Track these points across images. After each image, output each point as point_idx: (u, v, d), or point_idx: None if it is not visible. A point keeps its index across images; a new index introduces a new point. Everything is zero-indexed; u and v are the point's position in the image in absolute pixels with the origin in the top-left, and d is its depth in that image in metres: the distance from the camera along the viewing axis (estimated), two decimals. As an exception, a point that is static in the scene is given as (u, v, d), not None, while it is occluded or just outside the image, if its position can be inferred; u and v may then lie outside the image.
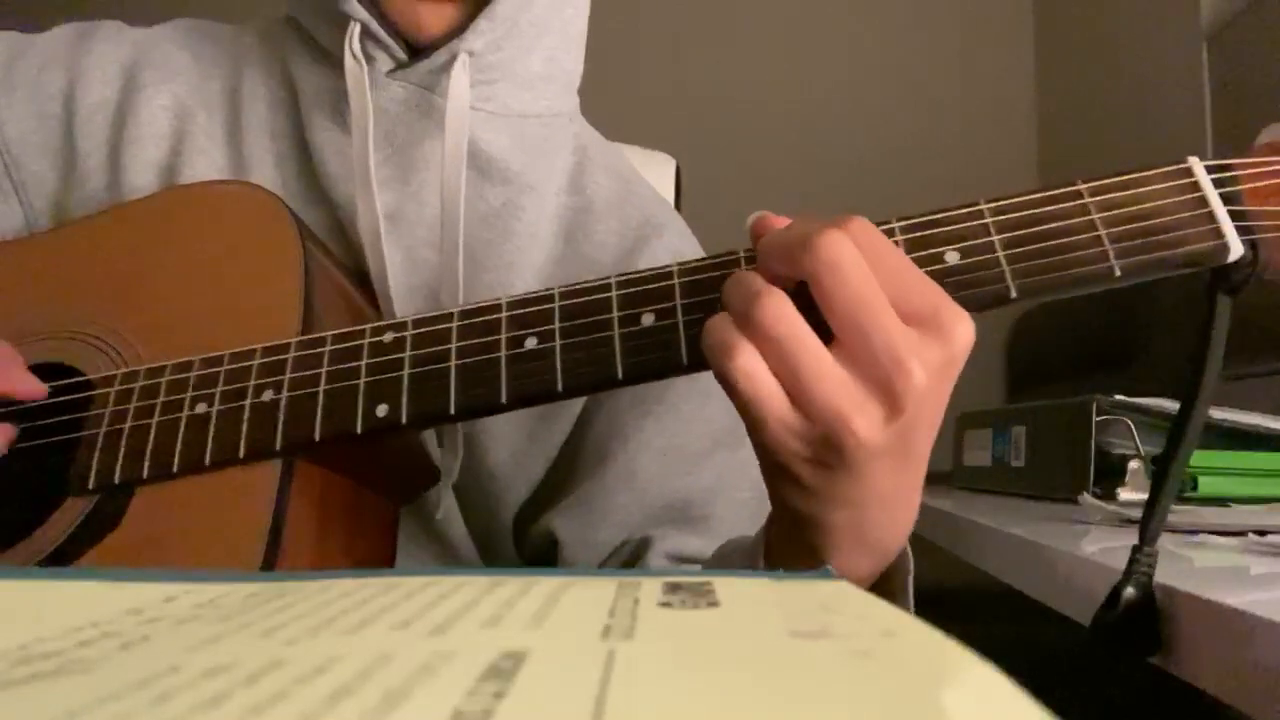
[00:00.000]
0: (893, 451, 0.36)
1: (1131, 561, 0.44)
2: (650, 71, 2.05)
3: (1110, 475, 0.85)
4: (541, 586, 0.22)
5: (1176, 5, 1.53)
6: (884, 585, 0.44)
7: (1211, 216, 0.40)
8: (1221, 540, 0.61)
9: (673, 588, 0.21)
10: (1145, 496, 0.49)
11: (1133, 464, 0.83)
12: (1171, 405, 0.86)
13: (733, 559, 0.51)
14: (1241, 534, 0.63)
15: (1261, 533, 0.62)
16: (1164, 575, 0.46)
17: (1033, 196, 0.41)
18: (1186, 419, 0.42)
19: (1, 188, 0.60)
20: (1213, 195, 0.40)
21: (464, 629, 0.18)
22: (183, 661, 0.16)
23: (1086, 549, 0.59)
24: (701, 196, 1.10)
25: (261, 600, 0.21)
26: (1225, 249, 0.39)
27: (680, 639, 0.17)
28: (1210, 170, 0.41)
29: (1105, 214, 0.40)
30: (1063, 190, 0.41)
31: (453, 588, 0.22)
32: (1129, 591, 0.44)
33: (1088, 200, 0.40)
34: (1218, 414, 0.83)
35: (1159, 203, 0.40)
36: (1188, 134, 1.46)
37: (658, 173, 0.99)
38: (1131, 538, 0.45)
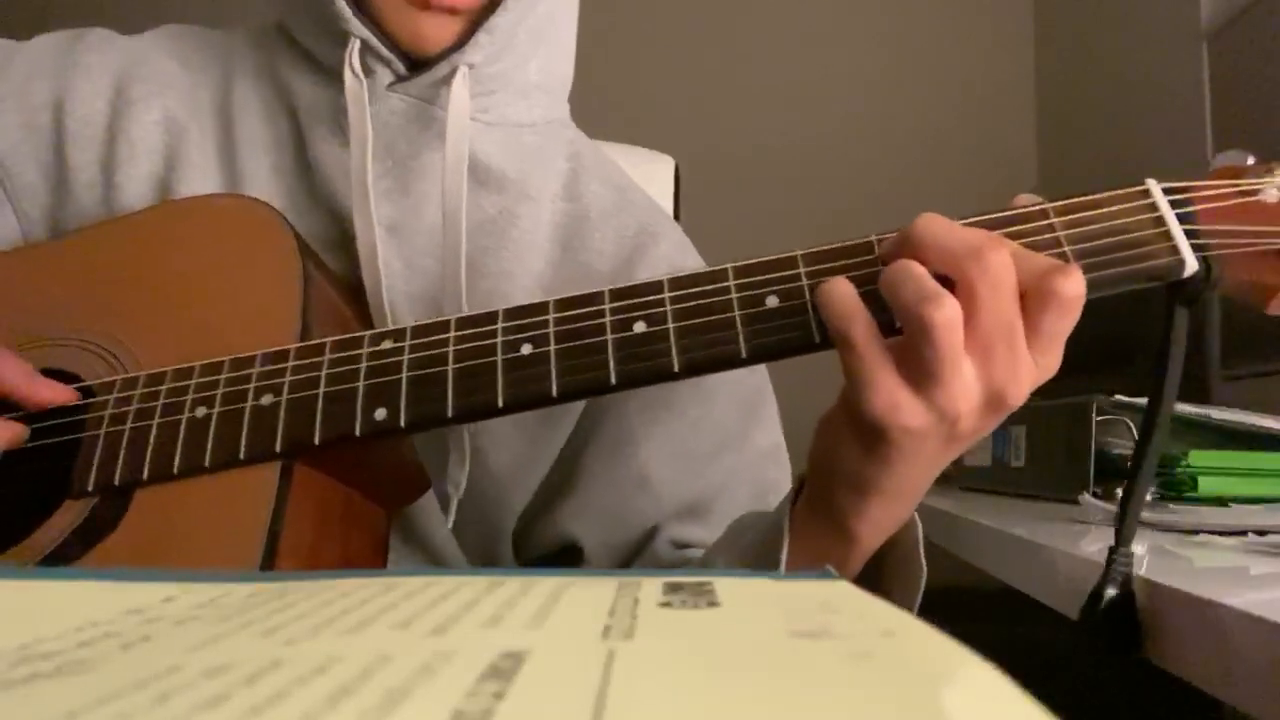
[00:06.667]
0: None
1: (1109, 563, 0.46)
2: (650, 71, 2.04)
3: (1110, 475, 0.85)
4: (541, 586, 0.22)
5: (1176, 5, 1.53)
6: (894, 547, 0.47)
7: (1168, 235, 0.42)
8: (1221, 540, 0.61)
9: (673, 588, 0.21)
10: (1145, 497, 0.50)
11: (1133, 464, 0.83)
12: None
13: (742, 537, 0.53)
14: (1241, 534, 0.63)
15: (1261, 533, 0.62)
16: (1164, 575, 0.47)
17: (999, 215, 0.43)
18: (1152, 424, 0.45)
19: None
20: (1169, 214, 0.43)
21: (464, 629, 0.18)
22: (183, 661, 0.16)
23: (1086, 549, 0.59)
24: (701, 196, 1.10)
25: (261, 600, 0.21)
26: (1181, 264, 0.42)
27: (680, 639, 0.17)
28: (1167, 192, 0.43)
29: (1070, 231, 0.42)
30: (1028, 210, 0.43)
31: (453, 588, 0.22)
32: (1110, 592, 0.46)
33: (1054, 220, 0.43)
34: (1218, 414, 0.83)
35: (1120, 221, 0.43)
36: (1188, 134, 1.46)
37: (658, 173, 0.99)
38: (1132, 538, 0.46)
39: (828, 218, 1.85)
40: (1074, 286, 0.38)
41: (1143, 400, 0.86)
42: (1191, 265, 0.42)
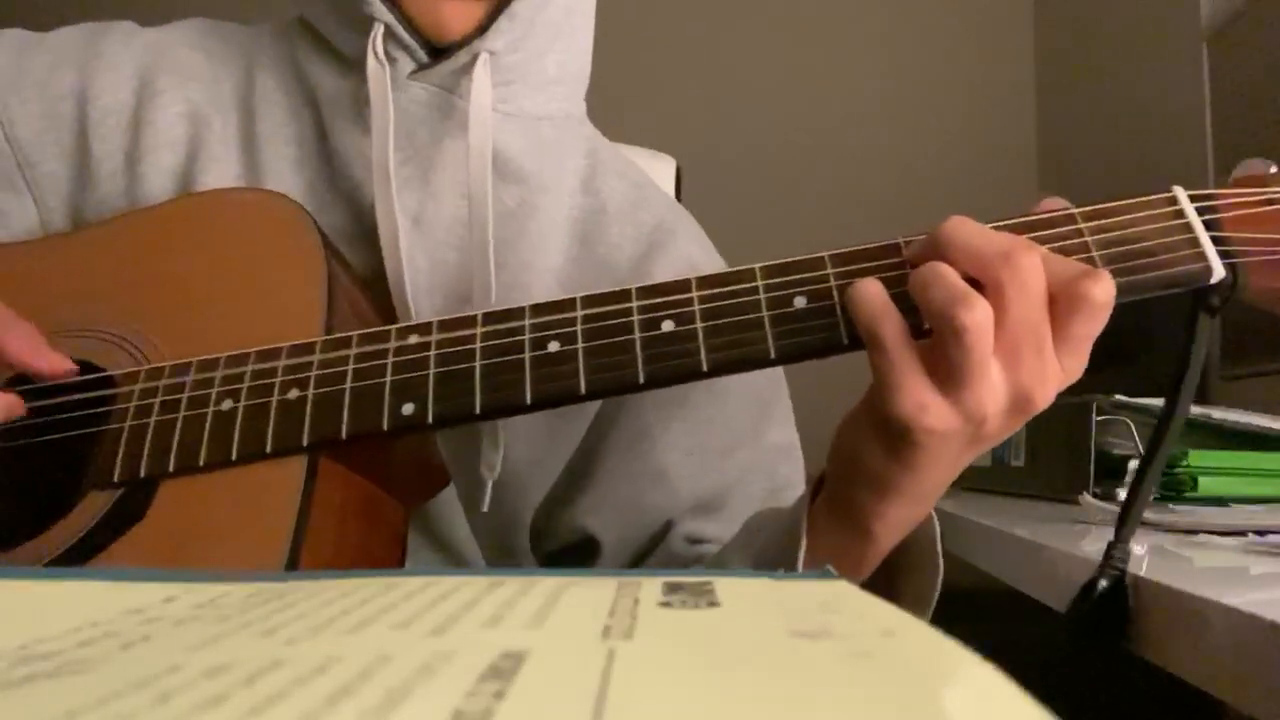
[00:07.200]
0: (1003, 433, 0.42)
1: (1106, 556, 0.47)
2: (650, 71, 2.04)
3: (1110, 475, 0.85)
4: (541, 586, 0.22)
5: (1176, 5, 1.53)
6: (906, 548, 0.48)
7: (1195, 241, 0.42)
8: (1221, 540, 0.61)
9: (673, 588, 0.21)
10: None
11: (1133, 464, 0.83)
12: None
13: (758, 535, 0.53)
14: (1241, 534, 0.63)
15: (1261, 533, 0.62)
16: (1163, 575, 0.47)
17: (1027, 219, 0.43)
18: (1165, 427, 0.45)
19: (15, 185, 0.60)
20: (1196, 221, 0.43)
21: (464, 629, 0.18)
22: (183, 661, 0.16)
23: (1086, 549, 0.59)
24: (701, 196, 1.10)
25: (261, 600, 0.21)
26: (1208, 270, 0.42)
27: (680, 639, 0.17)
28: (1193, 199, 0.43)
29: (1098, 237, 0.43)
30: (1057, 214, 0.43)
31: (453, 588, 0.22)
32: (1102, 584, 0.47)
33: (1082, 225, 0.43)
34: (1218, 414, 0.83)
35: (1147, 227, 0.43)
36: (1188, 134, 1.46)
37: (658, 173, 0.99)
38: (1132, 538, 0.46)
39: (828, 218, 1.85)
40: (1105, 292, 0.38)
41: (1143, 400, 0.86)
42: (1219, 272, 0.42)
